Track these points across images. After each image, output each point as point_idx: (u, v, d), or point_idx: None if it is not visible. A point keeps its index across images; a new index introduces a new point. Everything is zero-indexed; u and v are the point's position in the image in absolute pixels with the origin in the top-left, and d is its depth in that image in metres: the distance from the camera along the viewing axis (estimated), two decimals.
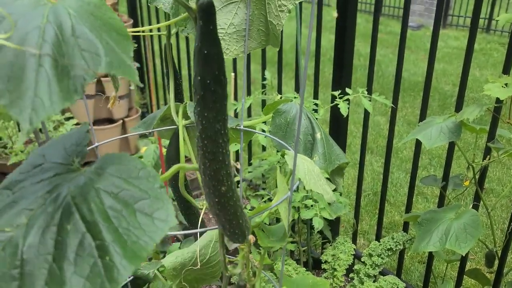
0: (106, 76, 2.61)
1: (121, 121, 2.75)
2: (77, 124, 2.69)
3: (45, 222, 0.37)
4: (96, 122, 2.71)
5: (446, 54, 6.25)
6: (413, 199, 1.83)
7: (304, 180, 0.69)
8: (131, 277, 0.93)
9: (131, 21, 2.70)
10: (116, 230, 0.37)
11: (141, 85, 0.44)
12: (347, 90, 1.62)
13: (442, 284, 1.37)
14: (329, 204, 1.51)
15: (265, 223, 0.71)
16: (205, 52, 0.45)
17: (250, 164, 2.37)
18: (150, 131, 0.96)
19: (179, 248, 1.62)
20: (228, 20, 0.83)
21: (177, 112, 0.90)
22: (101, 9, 0.40)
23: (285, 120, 0.86)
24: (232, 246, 0.61)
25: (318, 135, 0.84)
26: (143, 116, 3.41)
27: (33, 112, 0.32)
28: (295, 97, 1.70)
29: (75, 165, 0.42)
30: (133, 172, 0.40)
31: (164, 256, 1.69)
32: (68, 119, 2.73)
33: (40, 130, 2.74)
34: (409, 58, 5.97)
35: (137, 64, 2.97)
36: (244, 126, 0.93)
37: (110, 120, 2.73)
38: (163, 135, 1.03)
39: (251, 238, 0.59)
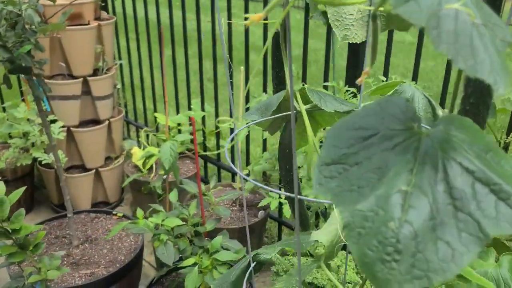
0: (92, 75, 2.53)
1: (107, 121, 2.67)
2: (63, 126, 2.56)
3: (432, 177, 0.40)
4: (82, 123, 2.60)
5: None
6: None
7: None
8: (254, 263, 0.94)
9: (114, 18, 2.63)
10: (500, 175, 0.40)
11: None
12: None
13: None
14: None
15: None
16: None
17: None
18: (264, 119, 0.97)
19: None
20: (356, 6, 0.87)
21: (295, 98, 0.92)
22: None
23: None
24: None
25: (440, 112, 0.90)
26: None
27: (496, 74, 0.35)
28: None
29: (416, 129, 0.45)
30: (462, 130, 0.44)
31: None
32: (53, 121, 2.59)
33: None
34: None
35: (122, 62, 2.89)
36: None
37: (96, 121, 2.64)
38: (262, 124, 1.04)
39: None
